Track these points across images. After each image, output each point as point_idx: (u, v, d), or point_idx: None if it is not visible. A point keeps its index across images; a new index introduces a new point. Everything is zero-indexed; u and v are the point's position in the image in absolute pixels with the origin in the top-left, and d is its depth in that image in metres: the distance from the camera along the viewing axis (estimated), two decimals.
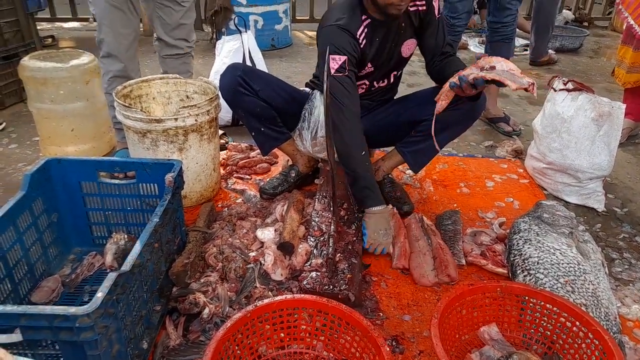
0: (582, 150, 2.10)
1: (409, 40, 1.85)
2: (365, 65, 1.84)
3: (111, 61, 2.13)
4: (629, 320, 1.54)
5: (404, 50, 1.87)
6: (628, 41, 2.60)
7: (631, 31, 2.52)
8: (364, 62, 1.82)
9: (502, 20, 2.76)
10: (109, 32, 2.07)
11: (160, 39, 2.32)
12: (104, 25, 2.07)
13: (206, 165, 2.02)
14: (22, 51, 3.11)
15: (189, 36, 2.36)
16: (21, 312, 1.02)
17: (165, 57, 2.36)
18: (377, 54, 1.82)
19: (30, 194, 1.49)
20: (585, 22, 5.70)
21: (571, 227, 1.74)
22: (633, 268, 1.80)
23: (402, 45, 1.85)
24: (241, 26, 2.85)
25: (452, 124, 1.84)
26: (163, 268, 1.48)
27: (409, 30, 1.83)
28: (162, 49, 2.35)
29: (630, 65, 2.58)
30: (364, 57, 1.79)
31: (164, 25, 2.26)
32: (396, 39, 1.83)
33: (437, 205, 2.14)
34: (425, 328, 1.48)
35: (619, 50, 2.68)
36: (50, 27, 5.13)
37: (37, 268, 1.53)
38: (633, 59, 2.56)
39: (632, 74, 2.59)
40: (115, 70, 2.15)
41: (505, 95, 3.57)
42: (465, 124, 1.90)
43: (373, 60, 1.84)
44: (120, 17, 2.07)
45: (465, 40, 4.82)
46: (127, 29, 2.11)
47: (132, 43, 2.16)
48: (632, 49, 2.56)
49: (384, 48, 1.82)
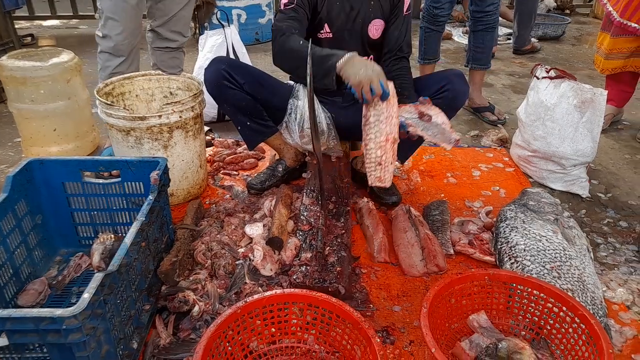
0: (565, 137, 2.13)
1: (376, 20, 1.86)
2: (323, 25, 1.84)
3: (112, 57, 2.11)
4: (615, 303, 1.57)
5: (371, 29, 1.87)
6: (606, 27, 2.63)
7: (609, 18, 2.55)
8: (315, 14, 1.81)
9: (484, 9, 2.77)
10: (117, 28, 2.05)
11: (154, 31, 2.29)
12: (112, 20, 2.04)
13: (192, 162, 2.00)
14: (0, 51, 3.06)
15: (185, 30, 2.34)
16: (6, 316, 1.00)
17: (155, 50, 2.34)
18: (335, 15, 1.82)
19: (13, 196, 1.47)
20: (567, 10, 5.74)
21: (556, 213, 1.77)
22: (617, 252, 1.83)
23: (369, 23, 1.86)
24: (224, 20, 2.82)
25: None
26: (151, 267, 1.47)
27: (378, 10, 1.84)
28: (154, 41, 2.33)
29: (608, 52, 2.61)
30: (316, 10, 1.81)
31: (162, 17, 2.23)
32: (362, 12, 1.83)
33: (424, 196, 2.15)
34: (415, 318, 1.49)
35: (598, 37, 2.71)
36: (29, 25, 5.03)
37: (22, 271, 1.51)
38: (610, 45, 2.59)
39: (610, 60, 2.62)
40: (115, 66, 2.13)
41: (489, 85, 3.59)
42: (447, 115, 1.88)
43: (330, 22, 1.84)
44: (131, 13, 2.06)
45: (449, 31, 4.84)
46: (133, 23, 2.10)
47: (135, 38, 2.16)
48: (610, 36, 2.58)
49: (343, 11, 1.82)
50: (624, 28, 2.48)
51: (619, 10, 2.47)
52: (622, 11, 2.46)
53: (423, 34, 2.96)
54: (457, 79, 1.82)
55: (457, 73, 1.85)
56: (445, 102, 1.80)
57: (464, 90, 1.84)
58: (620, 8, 2.46)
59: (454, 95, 1.81)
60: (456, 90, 1.80)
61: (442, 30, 2.97)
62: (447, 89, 1.79)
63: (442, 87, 1.80)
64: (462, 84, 1.83)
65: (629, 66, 2.61)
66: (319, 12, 1.82)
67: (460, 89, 1.81)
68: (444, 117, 1.62)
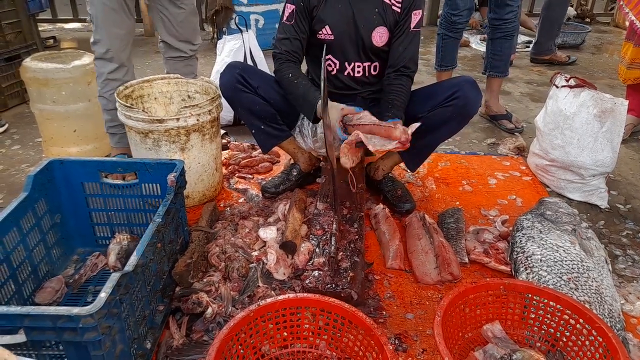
0: (584, 147, 2.10)
1: (380, 27, 1.85)
2: (322, 26, 1.84)
3: (105, 63, 2.11)
4: (633, 317, 1.54)
5: (375, 36, 1.85)
6: (630, 37, 2.59)
7: (633, 27, 2.51)
8: (315, 18, 1.83)
9: (503, 17, 2.75)
10: (103, 33, 2.06)
11: (164, 42, 2.31)
12: (99, 26, 2.06)
13: (208, 164, 2.02)
14: (24, 52, 3.13)
15: (193, 39, 2.35)
16: (25, 313, 1.02)
17: (169, 59, 2.36)
18: (337, 19, 1.83)
19: (33, 195, 1.50)
20: (587, 18, 5.68)
21: (574, 224, 1.74)
22: (636, 265, 1.79)
23: (373, 30, 1.84)
24: (242, 25, 2.85)
25: (444, 123, 1.82)
26: (166, 268, 1.48)
27: (381, 18, 1.84)
28: (166, 51, 2.34)
29: (631, 62, 2.57)
30: (314, 13, 1.83)
31: (166, 28, 2.26)
32: (366, 20, 1.83)
33: (439, 203, 2.14)
34: (428, 326, 1.48)
35: (623, 47, 2.68)
36: (51, 28, 5.14)
37: (40, 269, 1.53)
38: (633, 55, 2.55)
39: (632, 70, 2.58)
40: (108, 72, 2.12)
41: (507, 93, 3.56)
42: (458, 122, 1.85)
43: (332, 25, 1.84)
44: (115, 18, 2.06)
45: (467, 38, 4.81)
46: (122, 30, 2.09)
47: (126, 45, 2.14)
48: (633, 45, 2.55)
49: (345, 15, 1.83)
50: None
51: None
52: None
53: (441, 40, 2.95)
54: (468, 85, 1.78)
55: (468, 80, 1.80)
56: (455, 109, 1.77)
57: (475, 98, 1.79)
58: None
59: (465, 102, 1.76)
60: (467, 98, 1.76)
61: (459, 37, 2.96)
62: (458, 96, 1.75)
63: (453, 93, 1.77)
64: (473, 91, 1.78)
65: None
66: (317, 15, 1.83)
67: (470, 96, 1.77)
68: (374, 141, 1.54)
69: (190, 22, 2.30)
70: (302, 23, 1.84)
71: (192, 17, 2.31)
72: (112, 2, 2.03)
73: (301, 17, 1.83)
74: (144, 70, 3.78)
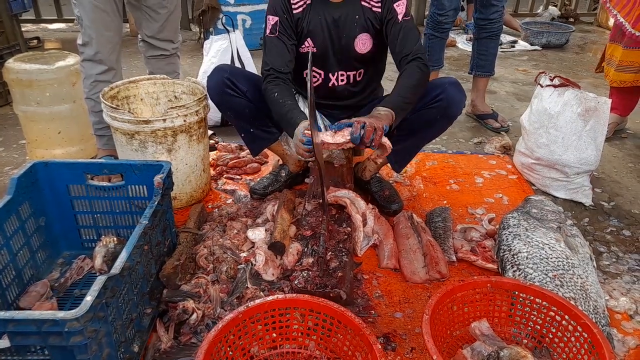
0: (569, 145, 2.12)
1: (362, 35, 1.82)
2: (304, 40, 1.82)
3: (94, 64, 2.08)
4: (617, 312, 1.56)
5: (357, 44, 1.83)
6: (617, 39, 2.57)
7: (621, 29, 2.50)
8: (299, 31, 1.81)
9: (488, 17, 2.78)
10: (93, 34, 2.03)
11: (145, 41, 2.29)
12: (88, 27, 2.03)
13: (196, 166, 2.01)
14: (7, 53, 3.08)
15: (175, 37, 2.33)
16: (9, 318, 1.00)
17: (150, 58, 2.34)
18: (318, 31, 1.81)
19: (17, 198, 1.47)
20: (571, 18, 5.75)
21: (559, 221, 1.76)
22: (620, 261, 1.82)
23: (355, 38, 1.82)
24: (229, 25, 2.83)
25: (428, 124, 1.82)
26: (153, 270, 1.47)
27: (362, 25, 1.81)
28: (147, 50, 2.32)
29: (619, 64, 2.56)
30: (299, 26, 1.80)
31: (149, 28, 2.24)
32: (346, 28, 1.80)
33: (427, 202, 2.15)
34: (416, 325, 1.49)
35: (608, 48, 2.67)
36: (35, 28, 5.06)
37: (25, 273, 1.51)
38: (623, 57, 2.53)
39: (621, 72, 2.56)
40: (97, 74, 2.10)
41: (493, 92, 3.59)
42: (442, 123, 1.85)
43: (313, 38, 1.82)
44: (105, 19, 2.03)
45: (453, 38, 4.85)
46: (111, 31, 2.07)
47: (115, 46, 2.11)
48: (622, 47, 2.54)
49: (325, 26, 1.80)
50: (637, 40, 2.43)
51: (631, 22, 2.42)
52: (634, 22, 2.42)
53: (427, 40, 2.97)
54: (451, 87, 1.76)
55: (452, 81, 1.79)
56: (439, 111, 1.77)
57: (459, 99, 1.78)
58: (632, 19, 2.42)
59: (448, 103, 1.76)
60: (450, 99, 1.75)
61: (446, 37, 2.98)
62: (441, 98, 1.74)
63: (437, 95, 1.76)
64: (457, 93, 1.77)
65: (639, 81, 2.55)
66: (300, 28, 1.81)
67: (454, 97, 1.76)
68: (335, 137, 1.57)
69: (173, 21, 2.29)
70: (287, 33, 1.79)
71: (176, 16, 2.30)
72: (102, 3, 2.00)
73: (285, 27, 1.78)
74: (130, 71, 3.74)
